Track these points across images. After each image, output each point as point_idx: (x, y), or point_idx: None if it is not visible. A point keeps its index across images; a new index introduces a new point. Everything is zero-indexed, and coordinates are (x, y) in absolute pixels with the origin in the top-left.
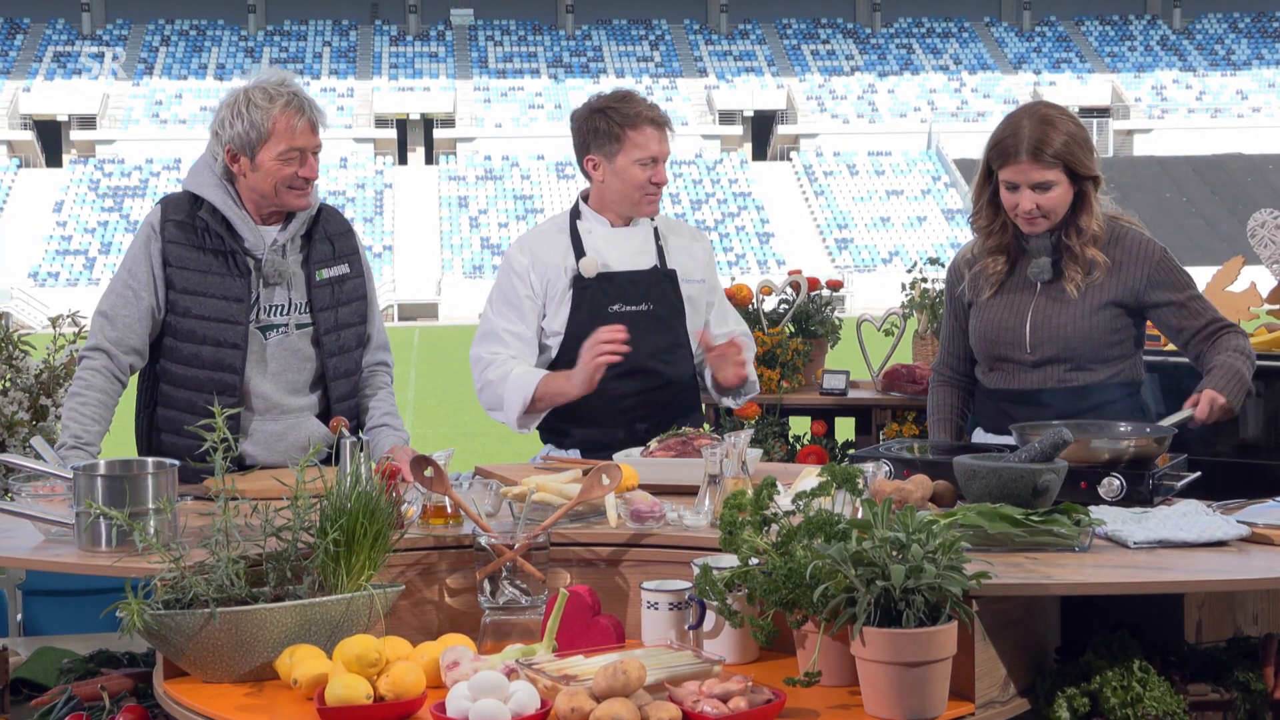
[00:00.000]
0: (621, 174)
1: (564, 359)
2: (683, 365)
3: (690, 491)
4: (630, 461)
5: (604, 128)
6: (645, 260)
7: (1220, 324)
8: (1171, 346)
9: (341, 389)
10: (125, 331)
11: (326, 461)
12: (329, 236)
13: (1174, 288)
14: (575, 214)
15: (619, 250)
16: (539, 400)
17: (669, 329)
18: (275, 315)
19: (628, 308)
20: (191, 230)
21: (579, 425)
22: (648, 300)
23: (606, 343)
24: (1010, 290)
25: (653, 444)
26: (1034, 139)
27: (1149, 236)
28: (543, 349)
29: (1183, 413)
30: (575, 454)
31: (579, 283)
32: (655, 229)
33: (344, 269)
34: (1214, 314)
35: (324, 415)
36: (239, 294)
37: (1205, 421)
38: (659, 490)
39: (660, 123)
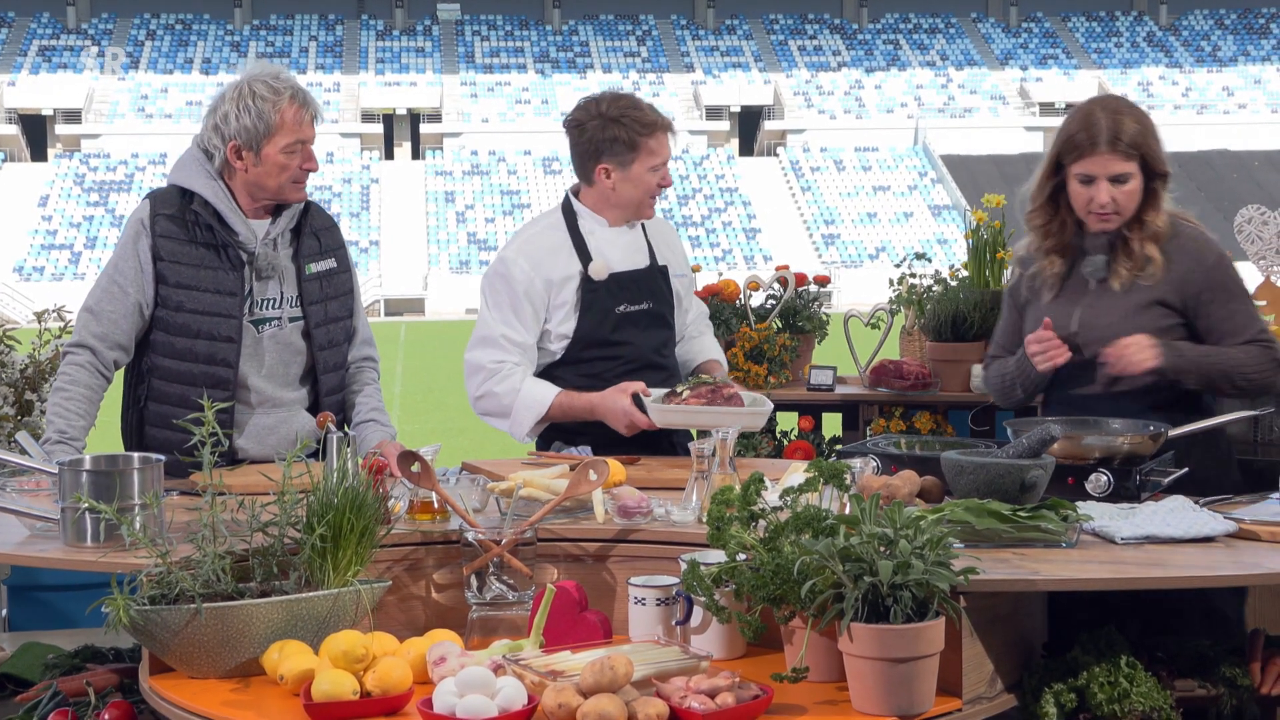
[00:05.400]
0: (635, 180)
1: (569, 360)
2: (674, 358)
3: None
4: (664, 407)
5: (622, 136)
6: (641, 259)
7: (1261, 339)
8: None
9: (330, 382)
10: (110, 327)
11: (315, 456)
12: (315, 231)
13: (1225, 296)
14: (570, 214)
15: (620, 251)
16: (550, 416)
17: (666, 324)
18: (268, 309)
19: (632, 308)
20: (183, 224)
21: (588, 422)
22: (648, 299)
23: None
24: (1066, 290)
25: (685, 392)
26: (1112, 129)
27: (1208, 237)
28: (542, 351)
29: (1228, 415)
30: (586, 450)
31: (588, 285)
32: (642, 225)
33: (331, 263)
34: (1258, 328)
35: (313, 409)
36: (232, 287)
37: (1118, 367)
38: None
39: (670, 128)
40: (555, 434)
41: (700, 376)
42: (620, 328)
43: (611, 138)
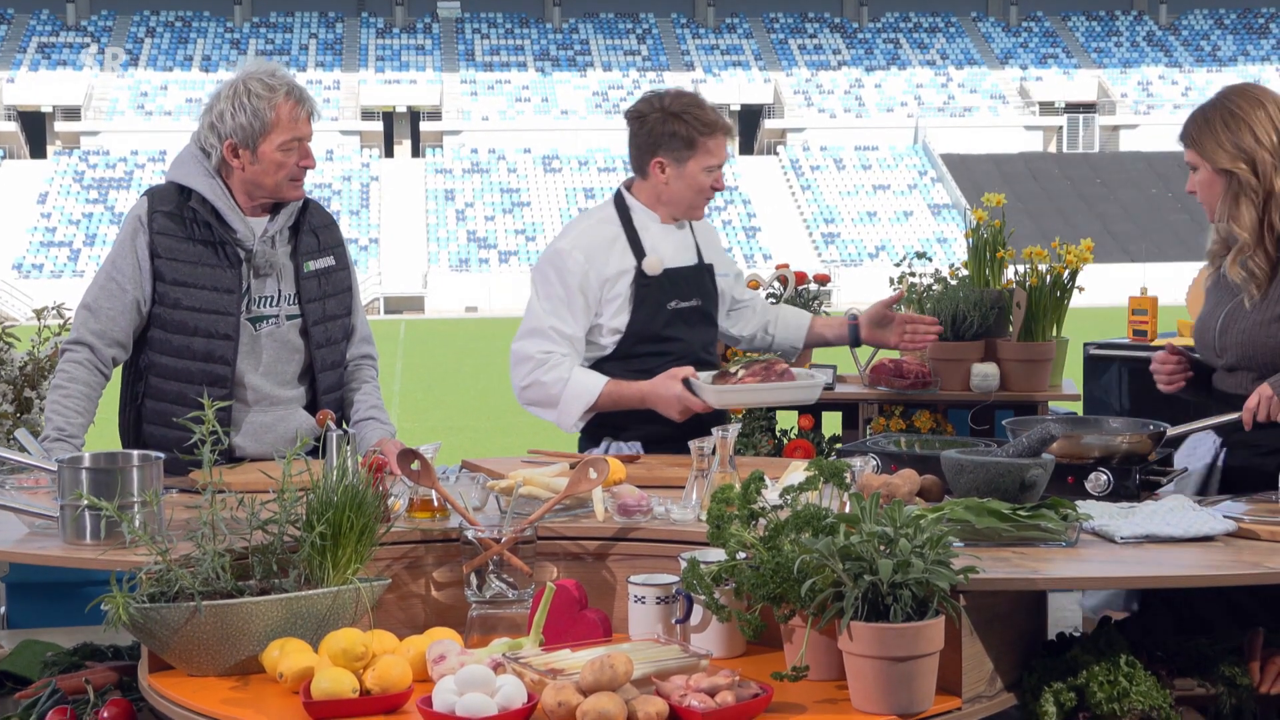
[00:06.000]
0: (689, 179)
1: (619, 355)
2: (715, 355)
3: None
4: (721, 388)
5: (682, 132)
6: (689, 256)
7: None
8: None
9: (328, 380)
10: (108, 324)
11: (314, 454)
12: (314, 229)
13: None
14: (623, 208)
15: (672, 247)
16: (599, 405)
17: (712, 322)
18: (265, 306)
19: (682, 304)
20: (181, 221)
21: (638, 419)
22: (697, 296)
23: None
24: (1223, 288)
25: (739, 371)
26: (1186, 121)
27: None
28: (592, 345)
29: (1226, 416)
30: (636, 447)
31: (641, 280)
32: (689, 223)
33: (330, 261)
34: None
35: (310, 407)
36: (230, 285)
37: (1261, 421)
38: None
39: (731, 132)
40: (604, 430)
41: (751, 355)
42: (671, 324)
43: (671, 133)
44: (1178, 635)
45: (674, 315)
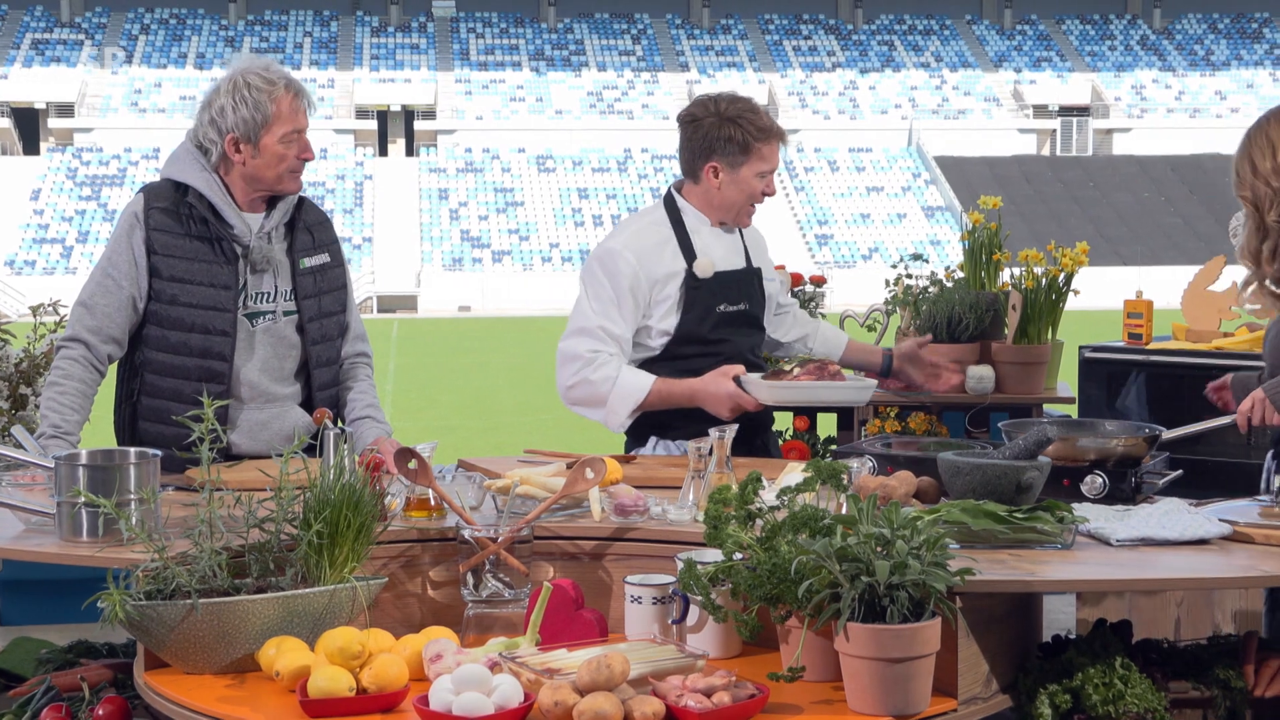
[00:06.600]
0: (741, 183)
1: (666, 356)
2: (761, 358)
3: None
4: (774, 384)
5: (737, 137)
6: (739, 260)
7: None
8: (1166, 345)
9: (323, 377)
10: (104, 321)
11: (309, 452)
12: (309, 226)
13: None
14: (674, 210)
15: (722, 250)
16: (648, 404)
17: (759, 327)
18: (262, 302)
19: (731, 308)
20: (177, 217)
21: (684, 419)
22: (745, 300)
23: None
24: None
25: (795, 369)
26: None
27: None
28: (640, 346)
29: (1222, 418)
30: (684, 446)
31: (691, 282)
32: (739, 228)
33: (325, 258)
34: None
35: (306, 404)
36: (227, 281)
37: (1255, 425)
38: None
39: (784, 138)
40: (651, 430)
41: (803, 355)
42: (719, 326)
43: (726, 137)
44: None
45: (722, 318)
